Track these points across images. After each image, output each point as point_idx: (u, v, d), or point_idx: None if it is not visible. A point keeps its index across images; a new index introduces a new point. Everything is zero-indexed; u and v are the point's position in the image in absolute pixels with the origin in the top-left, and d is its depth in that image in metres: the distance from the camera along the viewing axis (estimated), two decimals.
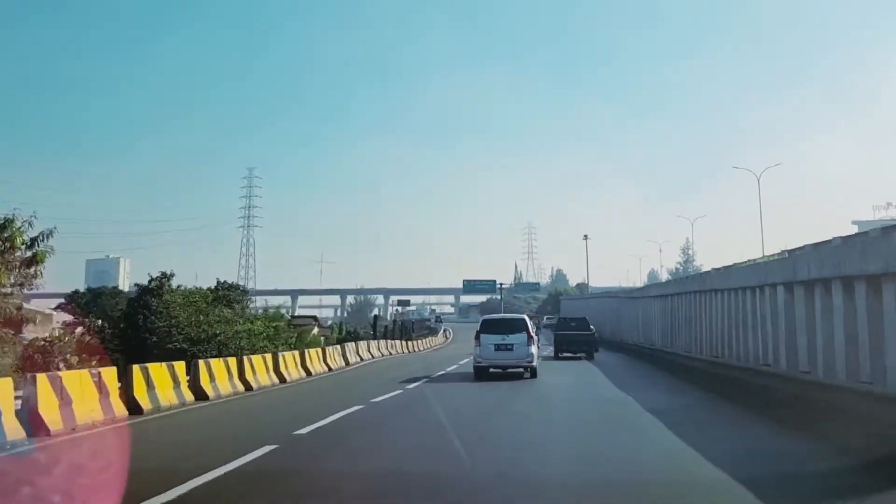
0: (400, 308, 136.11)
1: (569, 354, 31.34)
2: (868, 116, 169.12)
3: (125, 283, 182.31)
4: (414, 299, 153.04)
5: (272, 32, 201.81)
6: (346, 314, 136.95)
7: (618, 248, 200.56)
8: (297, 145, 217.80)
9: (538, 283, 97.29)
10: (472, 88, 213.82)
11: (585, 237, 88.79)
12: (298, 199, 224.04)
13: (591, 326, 34.32)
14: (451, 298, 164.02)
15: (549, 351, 34.79)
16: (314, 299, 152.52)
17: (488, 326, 20.35)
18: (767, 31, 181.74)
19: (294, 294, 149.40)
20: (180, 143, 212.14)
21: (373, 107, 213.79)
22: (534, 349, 19.93)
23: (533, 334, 20.31)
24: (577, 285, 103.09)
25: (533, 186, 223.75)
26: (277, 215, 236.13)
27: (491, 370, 19.87)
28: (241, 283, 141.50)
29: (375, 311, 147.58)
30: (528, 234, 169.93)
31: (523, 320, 21.02)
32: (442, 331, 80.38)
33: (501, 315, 28.24)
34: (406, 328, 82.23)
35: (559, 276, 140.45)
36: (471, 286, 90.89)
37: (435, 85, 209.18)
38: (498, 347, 19.49)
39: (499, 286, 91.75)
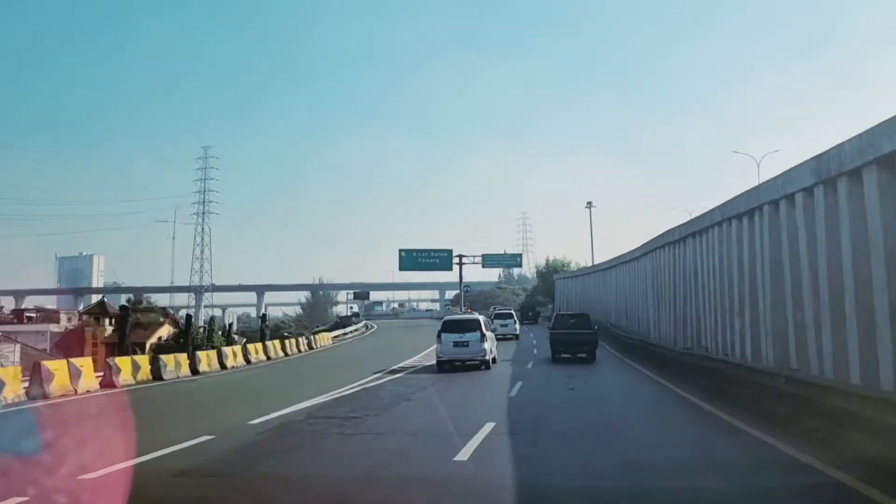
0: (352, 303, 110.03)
1: (568, 356, 24.79)
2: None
3: (99, 280, 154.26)
4: (396, 295, 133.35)
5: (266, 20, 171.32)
6: (300, 311, 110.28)
7: (627, 238, 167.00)
8: (289, 137, 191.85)
9: (519, 256, 60.59)
10: (466, 79, 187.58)
11: (589, 204, 60.69)
12: (276, 192, 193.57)
13: (595, 325, 27.01)
14: (435, 293, 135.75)
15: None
16: (283, 295, 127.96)
17: (448, 327, 21.76)
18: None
19: (260, 290, 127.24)
20: (153, 132, 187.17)
21: (362, 96, 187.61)
22: (486, 345, 21.24)
23: (486, 332, 21.71)
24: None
25: (530, 180, 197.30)
26: (259, 208, 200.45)
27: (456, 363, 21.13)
28: (195, 276, 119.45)
29: (343, 307, 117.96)
30: (522, 224, 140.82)
31: (478, 321, 22.11)
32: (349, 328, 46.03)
33: (459, 316, 26.66)
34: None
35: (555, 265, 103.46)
36: (411, 260, 54.61)
37: (424, 73, 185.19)
38: (456, 344, 20.99)
39: (457, 259, 54.97)
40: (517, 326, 38.67)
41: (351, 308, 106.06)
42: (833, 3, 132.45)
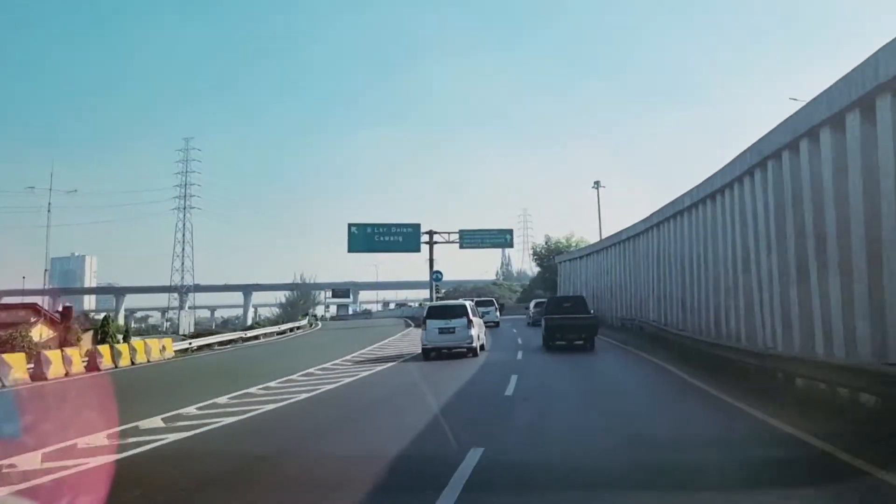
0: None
1: (563, 343, 21.04)
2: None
3: (92, 281, 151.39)
4: (388, 294, 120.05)
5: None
6: (279, 310, 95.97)
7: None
8: (281, 133, 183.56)
9: (509, 233, 43.46)
10: (461, 75, 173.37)
11: (597, 184, 45.56)
12: (268, 190, 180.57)
13: (591, 309, 24.01)
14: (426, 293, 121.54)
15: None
16: (271, 296, 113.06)
17: (433, 313, 19.97)
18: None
19: (247, 290, 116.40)
20: (147, 129, 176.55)
21: (361, 95, 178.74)
22: (474, 332, 19.33)
23: (473, 318, 19.72)
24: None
25: (530, 177, 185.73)
26: (250, 207, 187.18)
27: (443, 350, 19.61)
28: (176, 274, 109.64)
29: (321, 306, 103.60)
30: (522, 220, 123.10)
31: (464, 306, 20.21)
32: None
33: (445, 302, 26.09)
34: None
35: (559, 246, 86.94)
36: (364, 238, 39.49)
37: (418, 68, 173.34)
38: (441, 331, 19.21)
39: (428, 237, 39.55)
40: (497, 314, 36.37)
41: (327, 308, 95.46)
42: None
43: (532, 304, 38.03)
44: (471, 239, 41.38)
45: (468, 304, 20.81)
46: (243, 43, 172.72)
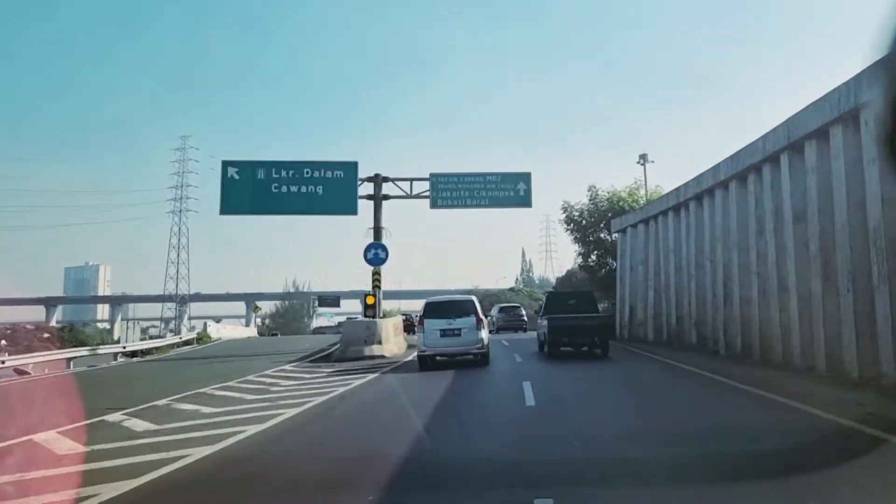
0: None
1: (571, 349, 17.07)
2: None
3: (106, 290, 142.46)
4: (397, 304, 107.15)
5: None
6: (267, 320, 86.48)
7: None
8: (293, 138, 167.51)
9: (524, 178, 22.91)
10: (478, 81, 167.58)
11: (643, 158, 32.59)
12: None
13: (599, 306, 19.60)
14: None
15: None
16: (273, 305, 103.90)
17: (432, 310, 15.85)
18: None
19: (249, 298, 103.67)
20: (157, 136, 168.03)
21: (375, 98, 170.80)
22: (483, 334, 15.47)
23: (482, 317, 15.96)
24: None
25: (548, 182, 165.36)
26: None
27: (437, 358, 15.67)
28: (170, 282, 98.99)
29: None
30: (545, 227, 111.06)
31: (471, 302, 16.27)
32: None
33: (447, 297, 18.80)
34: None
35: (615, 199, 64.09)
36: (254, 188, 19.14)
37: (435, 76, 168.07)
38: (444, 333, 15.25)
39: (373, 188, 18.89)
40: None
41: (311, 319, 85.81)
42: None
43: (496, 310, 34.51)
44: (453, 190, 20.47)
45: (475, 299, 16.46)
46: (245, 43, 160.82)
